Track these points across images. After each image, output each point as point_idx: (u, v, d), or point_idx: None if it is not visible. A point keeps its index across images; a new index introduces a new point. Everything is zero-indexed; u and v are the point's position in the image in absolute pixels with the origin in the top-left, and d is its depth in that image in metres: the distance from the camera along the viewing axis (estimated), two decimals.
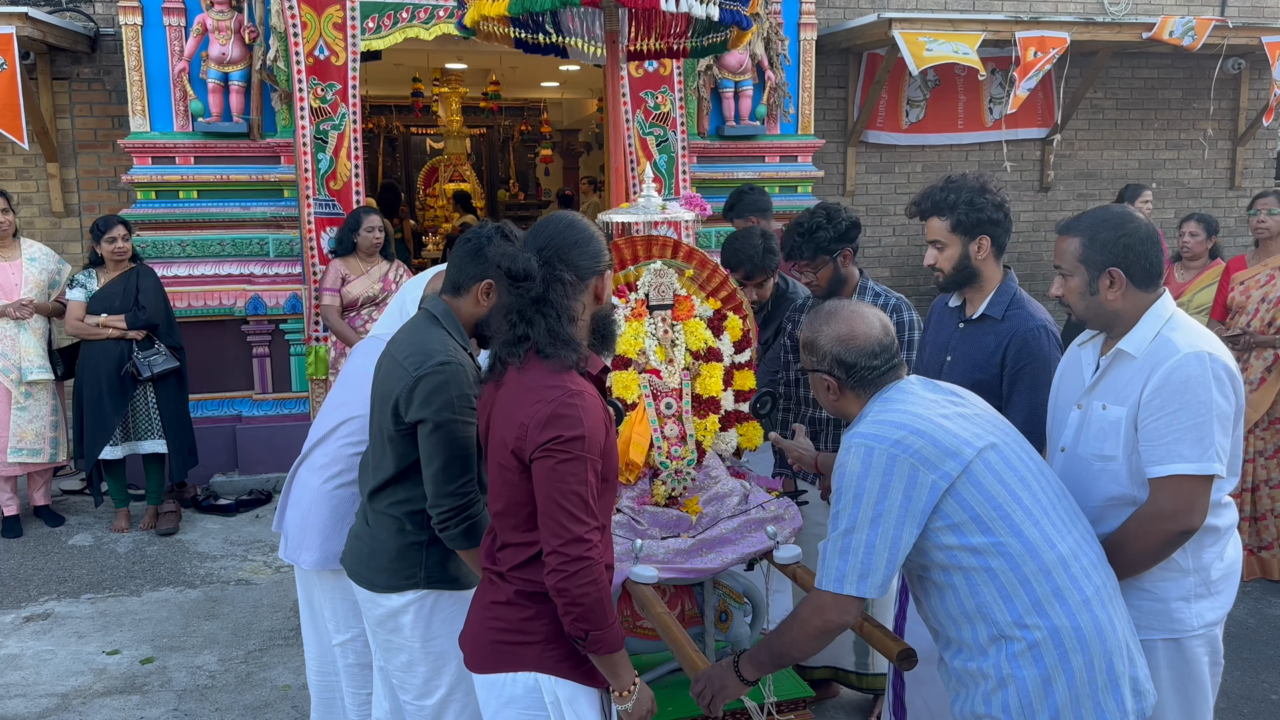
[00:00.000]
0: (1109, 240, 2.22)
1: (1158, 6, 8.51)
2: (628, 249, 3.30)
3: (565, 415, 1.98)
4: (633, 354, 3.15)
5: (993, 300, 2.81)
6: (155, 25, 6.08)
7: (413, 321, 2.50)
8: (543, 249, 2.11)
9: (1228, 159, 8.93)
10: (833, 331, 2.18)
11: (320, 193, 6.05)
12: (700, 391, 3.22)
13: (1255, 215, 4.94)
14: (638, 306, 3.20)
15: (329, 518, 2.78)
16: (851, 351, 2.15)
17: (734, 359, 3.30)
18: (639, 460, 3.07)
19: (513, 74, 12.06)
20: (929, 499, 1.98)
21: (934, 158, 8.37)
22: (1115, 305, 2.23)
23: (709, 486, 3.18)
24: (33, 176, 6.84)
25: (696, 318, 3.25)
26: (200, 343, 5.93)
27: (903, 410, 2.07)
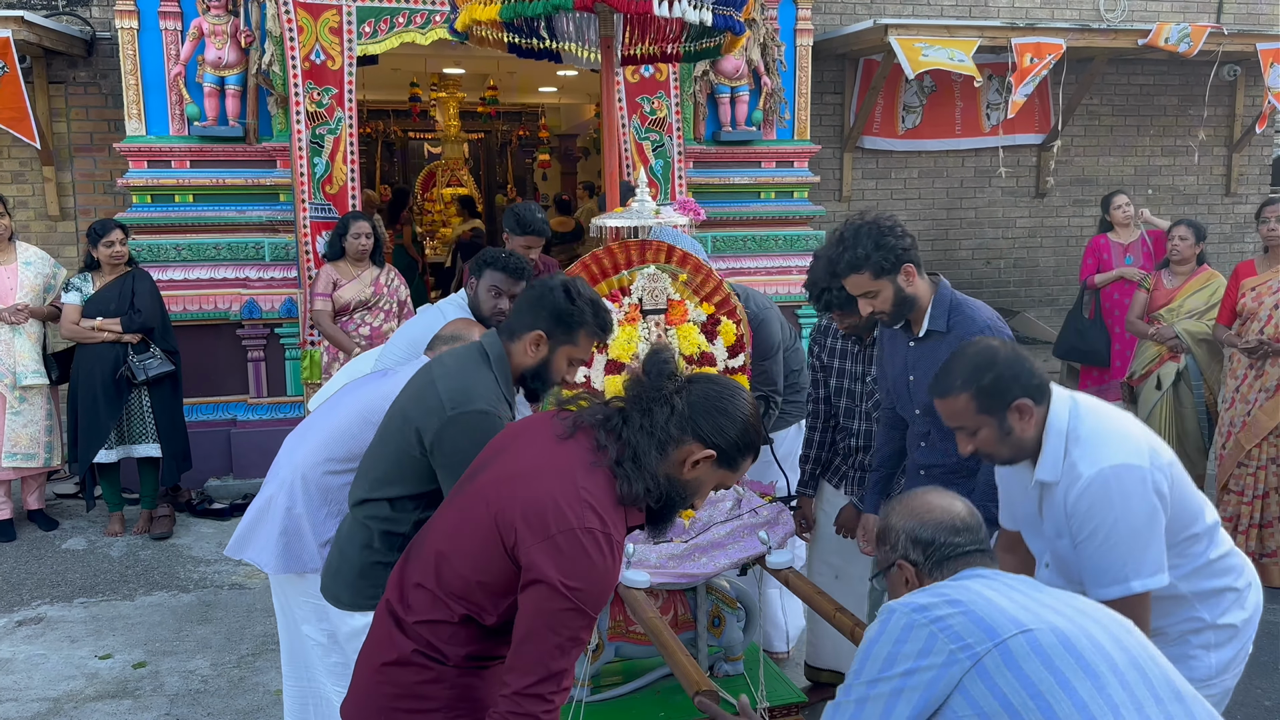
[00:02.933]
0: (995, 380, 2.13)
1: (1153, 13, 8.54)
2: (621, 253, 3.31)
3: (580, 558, 1.73)
4: (626, 359, 3.15)
5: (932, 315, 2.83)
6: (151, 29, 6.08)
7: (466, 351, 2.43)
8: (693, 382, 1.95)
9: (1223, 165, 8.95)
10: (905, 509, 1.92)
11: (316, 197, 6.05)
12: None
13: (1265, 223, 4.93)
14: (631, 311, 3.21)
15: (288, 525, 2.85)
16: (928, 527, 1.86)
17: (727, 364, 3.30)
18: None
19: (511, 79, 12.08)
20: (939, 678, 1.59)
21: (930, 163, 8.39)
22: (1031, 433, 2.16)
23: None
24: (28, 180, 6.85)
25: (690, 322, 3.25)
26: (195, 346, 5.92)
27: (953, 585, 1.73)
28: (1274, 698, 3.77)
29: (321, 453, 2.87)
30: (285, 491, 2.88)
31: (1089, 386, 6.75)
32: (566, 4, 3.01)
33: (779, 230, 7.08)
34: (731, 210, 6.97)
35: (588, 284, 2.55)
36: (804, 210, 7.15)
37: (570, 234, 10.85)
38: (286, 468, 2.92)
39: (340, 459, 2.84)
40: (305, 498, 2.85)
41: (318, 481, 2.87)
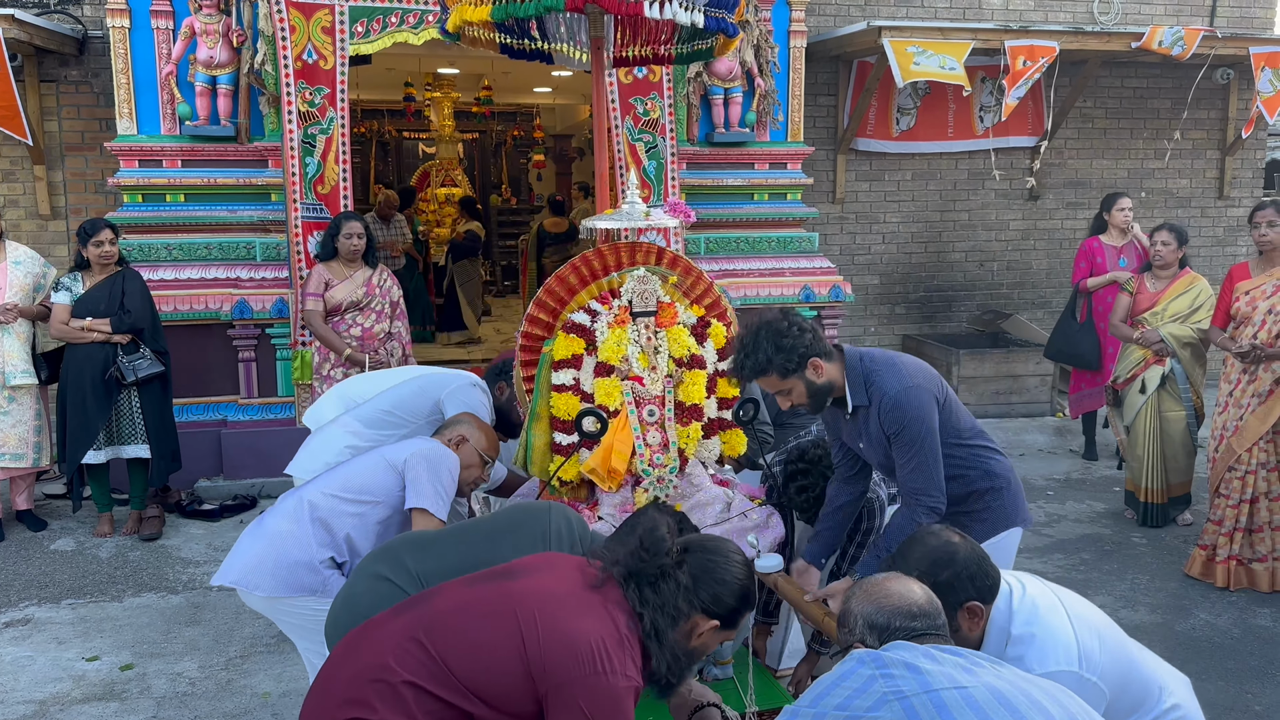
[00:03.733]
0: (953, 578, 2.13)
1: (1147, 16, 8.54)
2: (611, 255, 3.29)
3: (613, 706, 1.92)
4: (615, 361, 3.14)
5: (852, 393, 2.87)
6: (143, 28, 6.06)
7: None
8: (689, 549, 2.10)
9: (1216, 168, 8.96)
10: (864, 595, 1.94)
11: (308, 197, 6.03)
12: (683, 399, 3.21)
13: (1257, 228, 4.92)
14: (621, 314, 3.19)
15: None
16: (884, 612, 1.88)
17: (717, 366, 3.29)
18: (621, 468, 3.06)
19: (505, 79, 12.06)
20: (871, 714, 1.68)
21: (924, 165, 8.39)
22: (976, 634, 2.17)
23: (691, 494, 3.18)
24: (19, 179, 6.82)
25: (680, 325, 3.24)
26: (186, 347, 5.89)
27: (911, 652, 1.74)
28: (1264, 702, 3.77)
29: (337, 488, 3.03)
30: (290, 517, 3.01)
31: (1080, 389, 6.76)
32: (558, 5, 3.00)
33: (772, 232, 7.08)
34: (725, 212, 6.96)
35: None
36: (797, 212, 7.15)
37: (565, 234, 10.84)
38: (301, 495, 3.06)
39: (351, 490, 3.02)
40: (314, 524, 2.97)
41: (324, 506, 2.98)
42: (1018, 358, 7.68)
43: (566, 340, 3.18)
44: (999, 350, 7.78)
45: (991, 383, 7.59)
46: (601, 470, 3.08)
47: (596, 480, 3.13)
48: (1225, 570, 4.82)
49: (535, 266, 11.01)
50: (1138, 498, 5.64)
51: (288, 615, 2.99)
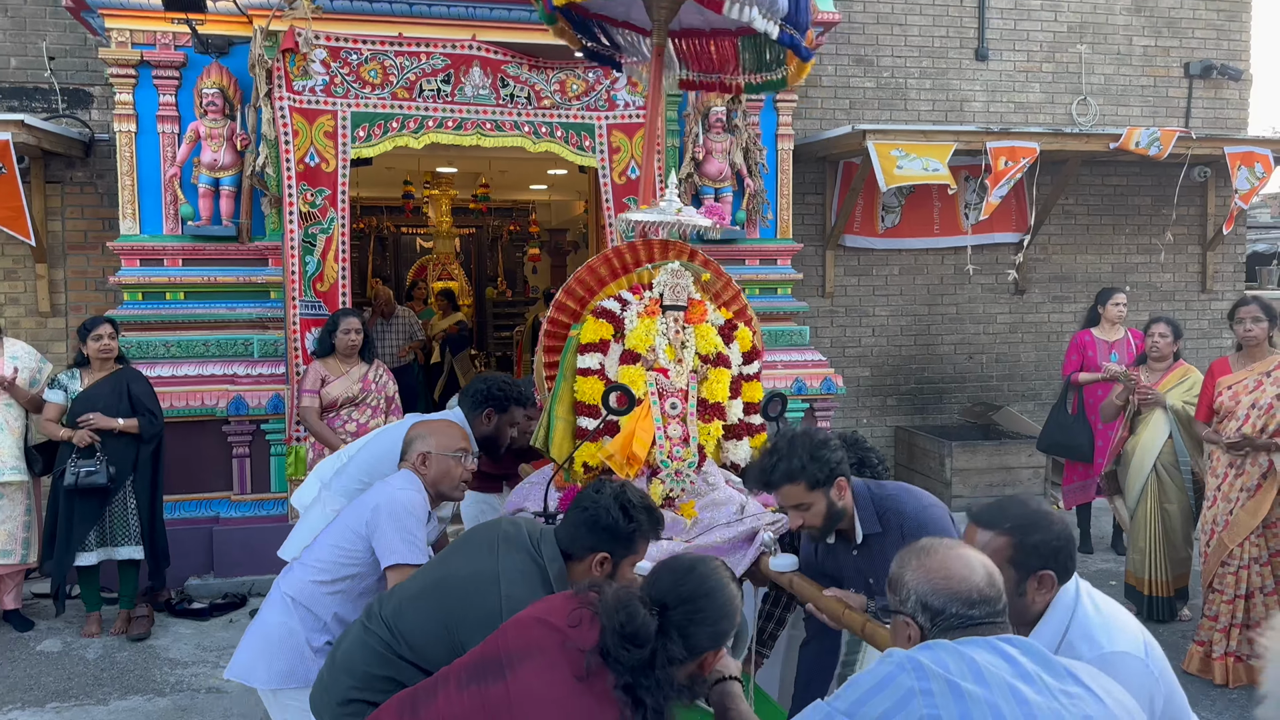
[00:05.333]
0: (1042, 542, 2.13)
1: (1124, 117, 8.82)
2: (644, 250, 3.31)
3: None
4: (642, 350, 3.13)
5: (862, 520, 2.79)
6: (149, 132, 6.23)
7: (526, 568, 2.41)
8: (668, 605, 1.96)
9: (1198, 263, 9.14)
10: (922, 568, 1.84)
11: (307, 294, 6.13)
12: (706, 396, 3.19)
13: (1240, 324, 5.00)
14: (651, 305, 3.19)
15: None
16: (940, 595, 1.79)
17: (742, 370, 3.29)
18: (641, 455, 3.02)
19: (502, 177, 12.33)
20: None
21: (910, 260, 8.56)
22: (1039, 607, 2.15)
23: (706, 493, 3.14)
24: (21, 277, 6.92)
25: (708, 323, 3.24)
26: (180, 443, 5.91)
27: (960, 660, 1.69)
28: None
29: (310, 572, 2.98)
30: (278, 607, 2.97)
31: (1074, 480, 6.78)
32: None
33: (764, 326, 7.14)
34: None
35: (634, 487, 2.55)
36: (788, 306, 7.26)
37: None
38: (280, 585, 3.02)
39: (326, 570, 2.96)
40: (297, 611, 2.94)
41: (305, 593, 2.95)
42: (1010, 450, 7.71)
43: (595, 324, 3.16)
44: (991, 442, 7.82)
45: (985, 475, 7.61)
46: (621, 457, 3.03)
47: (615, 467, 3.06)
48: (1223, 667, 4.78)
49: (530, 358, 11.08)
50: (1140, 590, 5.59)
51: (288, 708, 2.93)
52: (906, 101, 8.47)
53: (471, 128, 6.41)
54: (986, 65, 8.59)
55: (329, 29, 6.03)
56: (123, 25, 6.07)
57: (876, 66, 8.39)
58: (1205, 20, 9.03)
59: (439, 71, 6.28)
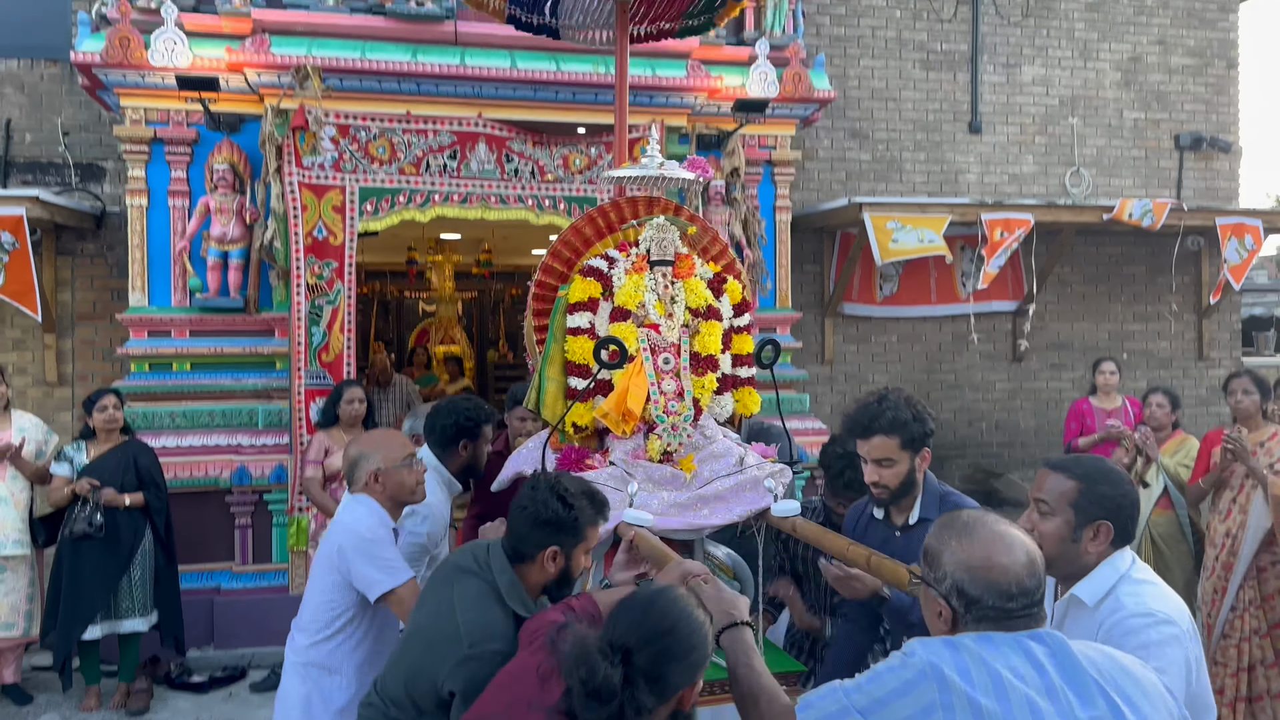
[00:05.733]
0: (1107, 494, 2.21)
1: (1117, 188, 8.98)
2: (628, 207, 3.29)
3: None
4: (632, 306, 3.10)
5: (924, 504, 2.81)
6: (160, 206, 6.35)
7: (478, 588, 2.43)
8: (631, 650, 1.80)
9: (1194, 330, 9.23)
10: (963, 550, 1.77)
11: (312, 365, 6.19)
12: (699, 349, 3.16)
13: (1232, 396, 5.11)
14: (639, 261, 3.16)
15: None
16: (979, 584, 1.73)
17: (733, 322, 3.26)
18: (636, 410, 2.99)
19: (505, 243, 12.47)
20: None
21: (909, 329, 8.64)
22: (1090, 558, 2.20)
23: (704, 446, 3.10)
24: (29, 347, 7.00)
25: (697, 277, 3.21)
26: (183, 513, 5.91)
27: (988, 672, 1.67)
28: None
29: (306, 635, 2.97)
30: (293, 675, 2.98)
31: None
32: None
33: (763, 394, 7.20)
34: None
35: (570, 476, 2.57)
36: (788, 374, 7.33)
37: None
38: (288, 654, 3.03)
39: (323, 628, 2.95)
40: (310, 675, 2.95)
41: (315, 657, 2.95)
42: (1012, 517, 7.66)
43: (583, 283, 3.13)
44: (993, 509, 7.80)
45: None
46: (616, 414, 3.00)
47: (610, 425, 3.03)
48: None
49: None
50: None
51: None
52: (902, 173, 8.63)
53: (477, 201, 6.54)
54: (980, 138, 8.77)
55: (339, 107, 6.18)
56: (137, 103, 6.23)
57: (871, 140, 8.57)
58: (1193, 94, 9.24)
59: (446, 148, 6.42)
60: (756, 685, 1.97)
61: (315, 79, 5.91)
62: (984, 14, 8.72)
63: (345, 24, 6.31)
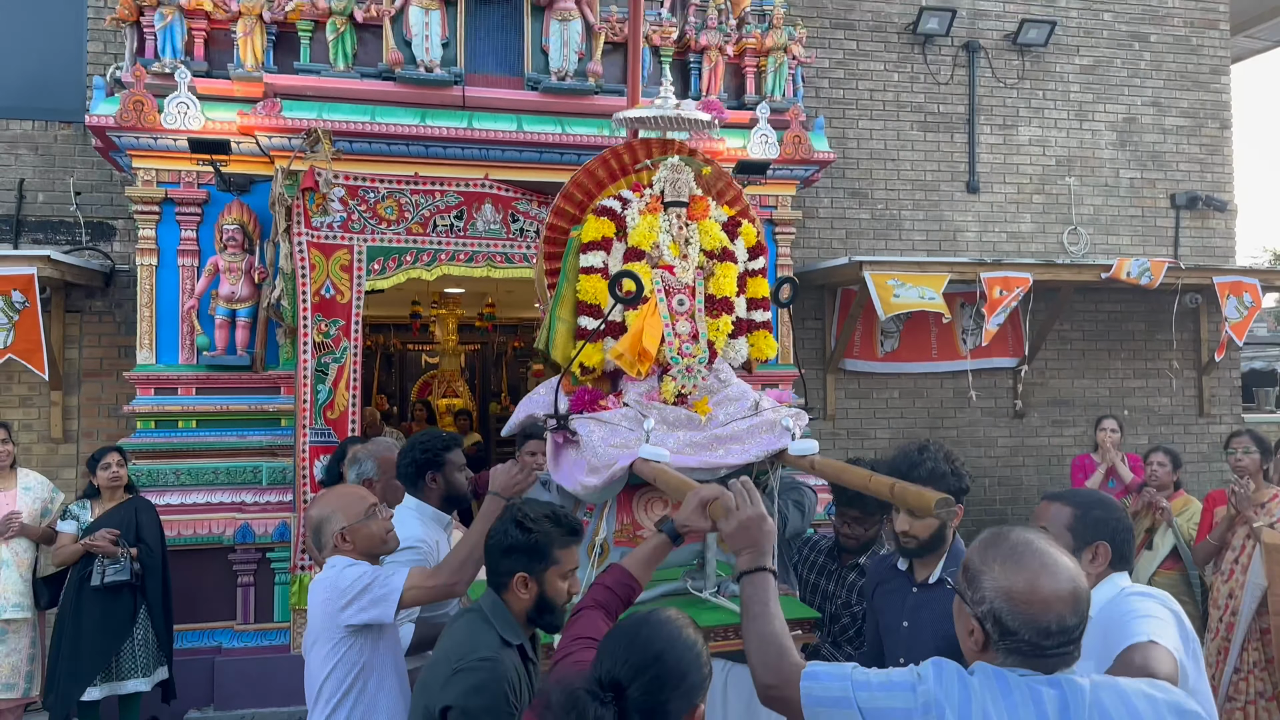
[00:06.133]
0: (1102, 518, 2.34)
1: (1114, 246, 9.08)
2: (642, 150, 3.25)
3: None
4: (646, 246, 3.07)
5: (946, 564, 2.81)
6: (170, 265, 6.42)
7: (466, 619, 2.48)
8: (622, 684, 1.75)
9: (1194, 387, 9.26)
10: (1006, 577, 1.70)
11: (317, 422, 6.22)
12: (714, 291, 3.13)
13: (1232, 454, 5.15)
14: (652, 202, 3.13)
15: None
16: (1018, 617, 1.68)
17: (748, 265, 3.23)
18: (652, 349, 2.95)
19: (509, 297, 12.57)
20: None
21: (910, 384, 8.68)
22: (1089, 580, 2.21)
23: (719, 390, 3.07)
24: (35, 404, 7.04)
25: (711, 219, 3.18)
26: (186, 572, 5.92)
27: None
28: None
29: (323, 705, 2.91)
30: None
31: None
32: None
33: None
34: None
35: (534, 502, 2.55)
36: None
37: None
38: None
39: (338, 691, 2.89)
40: None
41: None
42: None
43: (596, 223, 3.09)
44: None
45: None
46: (630, 354, 2.96)
47: (624, 366, 2.98)
48: None
49: None
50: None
51: None
52: (901, 232, 8.74)
53: (482, 260, 6.63)
54: (978, 197, 8.89)
55: (348, 169, 6.29)
56: (149, 165, 6.34)
57: (871, 199, 8.69)
58: (1188, 154, 9.38)
59: (452, 208, 6.52)
60: (770, 633, 1.94)
61: (326, 142, 6.02)
62: (980, 77, 8.89)
63: (356, 88, 6.45)
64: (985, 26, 8.96)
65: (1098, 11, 9.25)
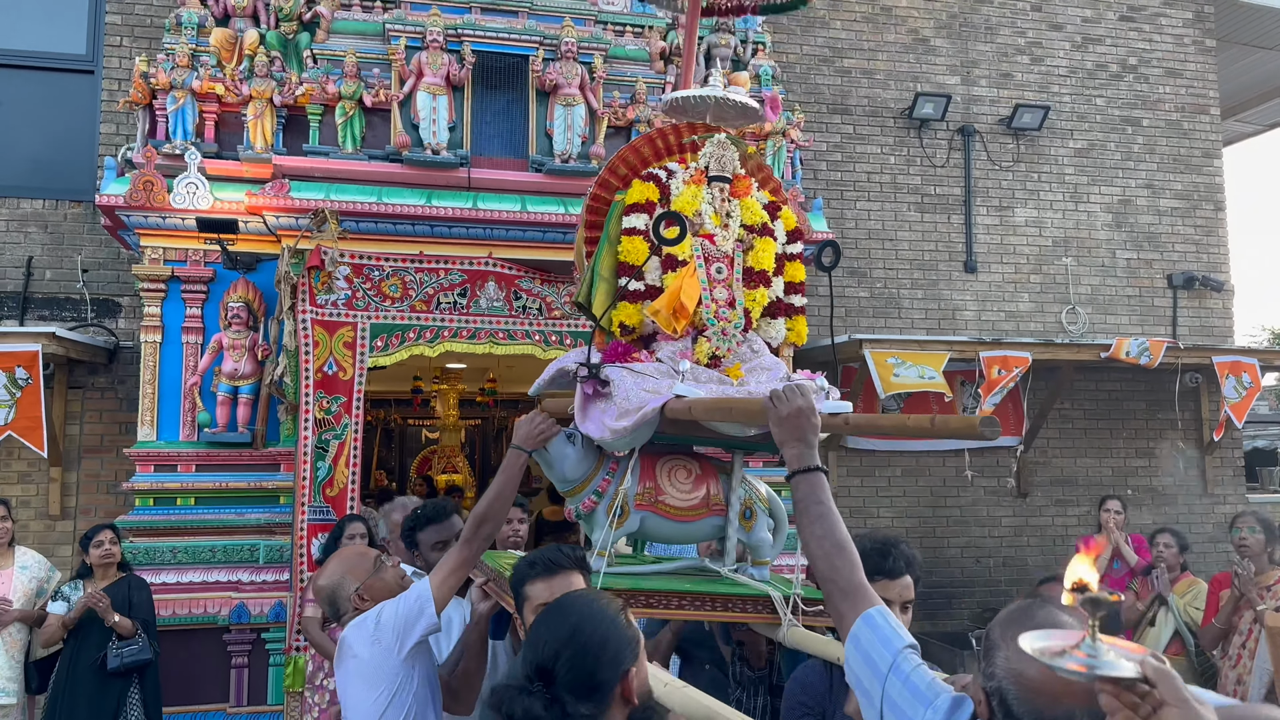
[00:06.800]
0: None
1: (1113, 326, 9.14)
2: (687, 130, 3.30)
3: None
4: (689, 213, 3.09)
5: None
6: (174, 342, 6.45)
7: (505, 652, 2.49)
8: (548, 669, 1.76)
9: (1198, 467, 9.23)
10: (1019, 660, 1.54)
11: (316, 499, 6.19)
12: (752, 264, 3.14)
13: (1237, 533, 5.14)
14: (697, 175, 3.16)
15: None
16: (1024, 704, 1.57)
17: (786, 249, 3.24)
18: (689, 305, 2.95)
19: (510, 372, 12.61)
20: None
21: (912, 462, 8.65)
22: None
23: (751, 359, 3.06)
24: (34, 480, 7.01)
25: (753, 198, 3.21)
26: (179, 652, 5.83)
27: None
28: None
29: None
30: None
31: None
32: None
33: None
34: None
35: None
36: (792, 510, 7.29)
37: (562, 523, 10.89)
38: None
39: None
40: None
41: None
42: None
43: (642, 186, 3.12)
44: None
45: None
46: (667, 311, 2.96)
47: (661, 322, 2.99)
48: None
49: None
50: None
51: None
52: (900, 310, 8.81)
53: (485, 337, 6.66)
54: (976, 277, 8.98)
55: (354, 247, 6.36)
56: (157, 243, 6.42)
57: (870, 277, 8.78)
58: (1183, 235, 9.50)
59: (456, 286, 6.58)
60: (828, 530, 1.95)
61: (333, 222, 6.11)
62: (975, 160, 9.05)
63: (363, 170, 6.57)
64: (980, 111, 9.15)
65: (1090, 97, 9.46)
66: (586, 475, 2.88)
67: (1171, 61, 9.67)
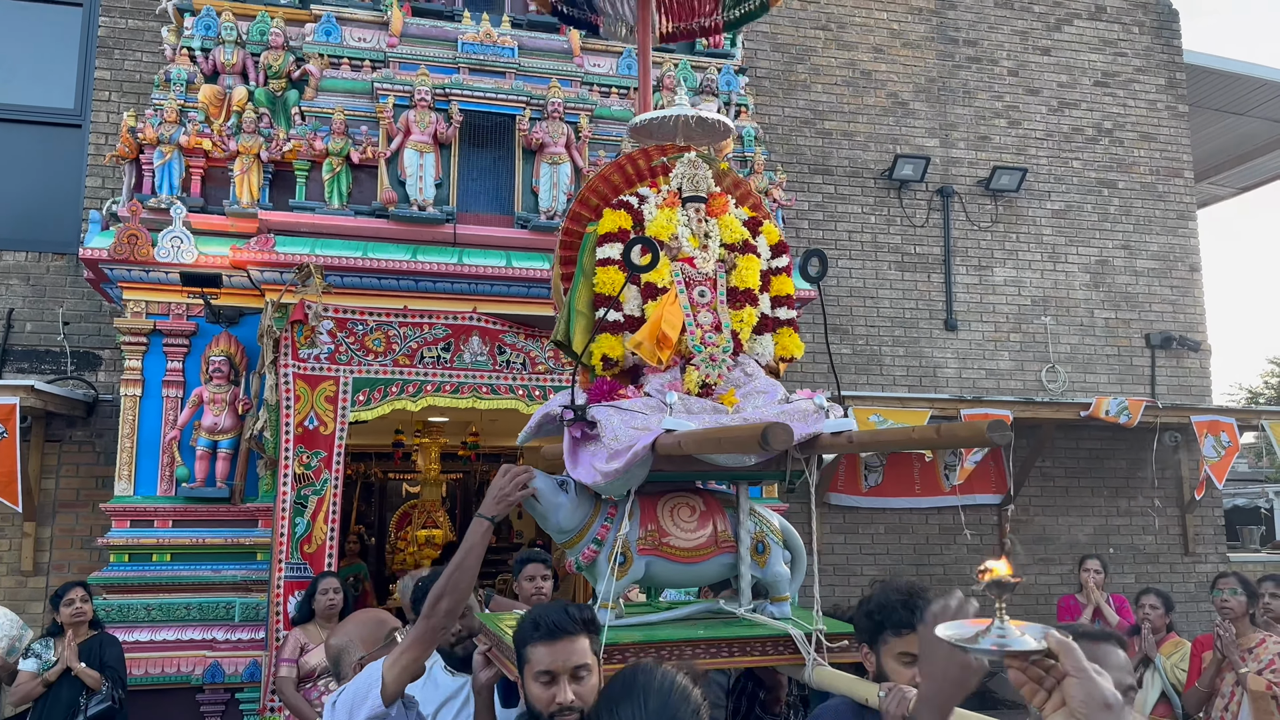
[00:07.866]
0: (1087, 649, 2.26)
1: (1092, 385, 9.22)
2: (656, 152, 3.19)
3: None
4: (665, 238, 2.96)
5: None
6: (154, 396, 6.40)
7: None
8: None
9: (1179, 526, 9.26)
10: None
11: (293, 556, 6.11)
12: (736, 283, 3.02)
13: (1219, 595, 5.13)
14: (670, 197, 3.04)
15: None
16: None
17: (771, 263, 3.12)
18: (672, 335, 2.81)
19: (493, 425, 12.56)
20: None
21: (895, 519, 8.65)
22: None
23: (745, 383, 2.92)
24: (7, 535, 6.91)
25: (730, 215, 3.10)
26: (150, 712, 5.70)
27: None
28: None
29: None
30: None
31: None
32: None
33: None
34: None
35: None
36: None
37: None
38: None
39: None
40: None
41: None
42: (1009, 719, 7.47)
43: (613, 215, 3.00)
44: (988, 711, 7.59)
45: None
46: (649, 342, 2.82)
47: (644, 355, 2.84)
48: None
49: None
50: None
51: None
52: (882, 367, 8.86)
53: (468, 391, 6.66)
54: (956, 335, 9.07)
55: (338, 302, 6.37)
56: (139, 296, 6.40)
57: (852, 335, 8.85)
58: (1160, 295, 9.64)
59: (440, 340, 6.59)
60: None
61: (317, 276, 6.12)
62: (954, 221, 9.19)
63: (349, 225, 6.60)
64: (958, 173, 9.31)
65: (1066, 160, 9.65)
66: (583, 524, 2.71)
67: (1146, 126, 9.89)
